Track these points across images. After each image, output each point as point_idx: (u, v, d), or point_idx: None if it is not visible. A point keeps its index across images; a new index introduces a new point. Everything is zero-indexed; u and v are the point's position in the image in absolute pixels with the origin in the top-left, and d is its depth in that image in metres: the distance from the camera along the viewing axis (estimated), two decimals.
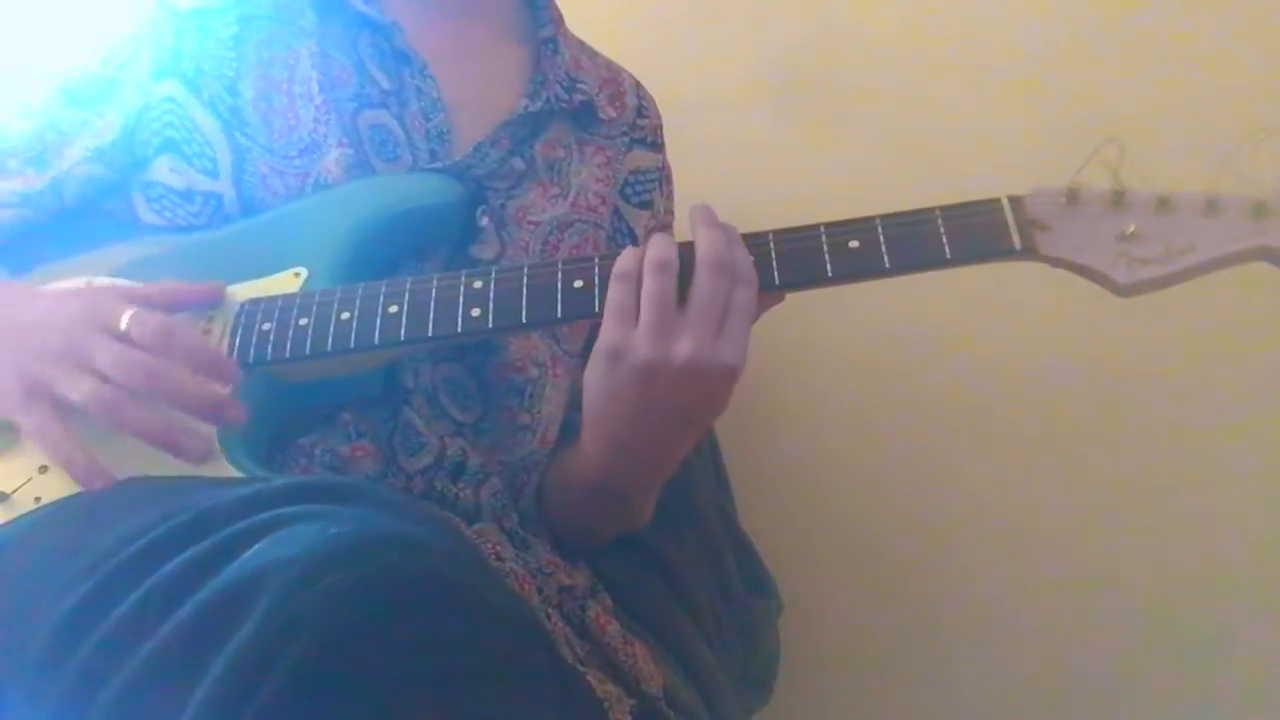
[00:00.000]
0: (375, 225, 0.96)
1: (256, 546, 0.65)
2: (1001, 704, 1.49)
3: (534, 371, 1.02)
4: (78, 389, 0.85)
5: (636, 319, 0.86)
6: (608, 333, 0.87)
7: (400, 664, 0.61)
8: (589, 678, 0.85)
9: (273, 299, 0.94)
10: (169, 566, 0.68)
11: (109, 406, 0.85)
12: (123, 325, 0.86)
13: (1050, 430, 1.47)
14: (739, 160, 1.53)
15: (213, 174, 0.99)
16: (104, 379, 0.85)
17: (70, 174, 1.00)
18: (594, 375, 0.90)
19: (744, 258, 0.88)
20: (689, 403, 0.89)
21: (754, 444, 1.47)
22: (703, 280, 0.86)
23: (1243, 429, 1.40)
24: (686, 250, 0.88)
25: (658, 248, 0.88)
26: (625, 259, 0.88)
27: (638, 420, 0.90)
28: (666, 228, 1.17)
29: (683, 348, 0.85)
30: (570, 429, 1.06)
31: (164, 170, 1.00)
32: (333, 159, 0.97)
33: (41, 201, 1.01)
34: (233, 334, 0.93)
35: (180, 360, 0.86)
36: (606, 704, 0.84)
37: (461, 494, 0.97)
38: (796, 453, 1.53)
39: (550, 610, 0.90)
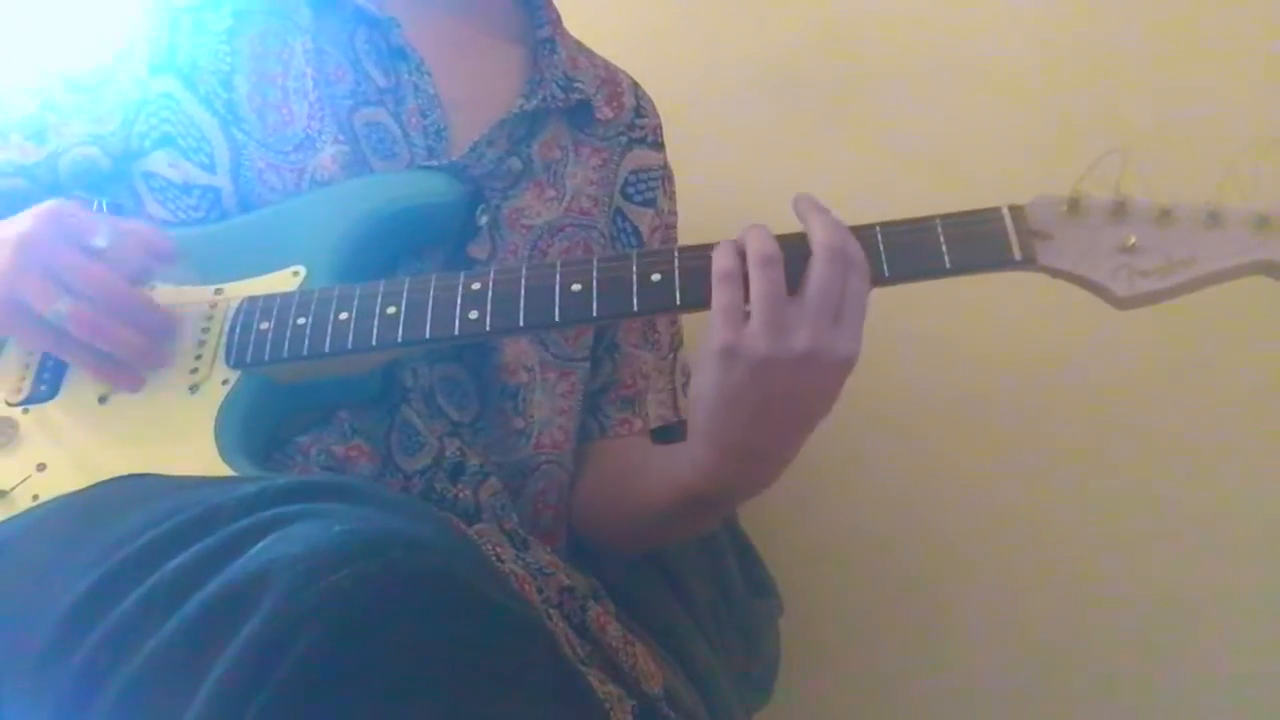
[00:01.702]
0: (374, 223, 0.96)
1: (261, 544, 0.65)
2: (1001, 704, 1.49)
3: (524, 376, 1.02)
4: (52, 308, 0.87)
5: (746, 317, 0.85)
6: (720, 333, 0.85)
7: (404, 662, 0.61)
8: (590, 679, 0.85)
9: (271, 298, 0.94)
10: (173, 563, 0.68)
11: (88, 326, 0.88)
12: (99, 242, 0.89)
13: (1049, 432, 1.47)
14: (739, 159, 1.52)
15: (210, 169, 0.99)
16: (78, 297, 0.87)
17: (67, 151, 1.01)
18: (708, 379, 0.88)
19: (857, 246, 0.86)
20: (806, 397, 0.87)
21: None
22: (820, 269, 0.85)
23: (1240, 432, 1.41)
24: (791, 240, 0.87)
25: (760, 242, 0.86)
26: (724, 258, 0.86)
27: (756, 420, 0.88)
28: (670, 227, 1.16)
29: (800, 339, 0.84)
30: (581, 435, 1.07)
31: (162, 164, 1.00)
32: (328, 155, 0.97)
33: (36, 173, 1.02)
34: (230, 332, 0.93)
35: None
36: (608, 704, 0.83)
37: (461, 495, 0.97)
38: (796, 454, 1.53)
39: (551, 611, 0.90)
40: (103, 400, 0.92)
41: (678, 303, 0.88)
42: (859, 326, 0.86)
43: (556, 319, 0.89)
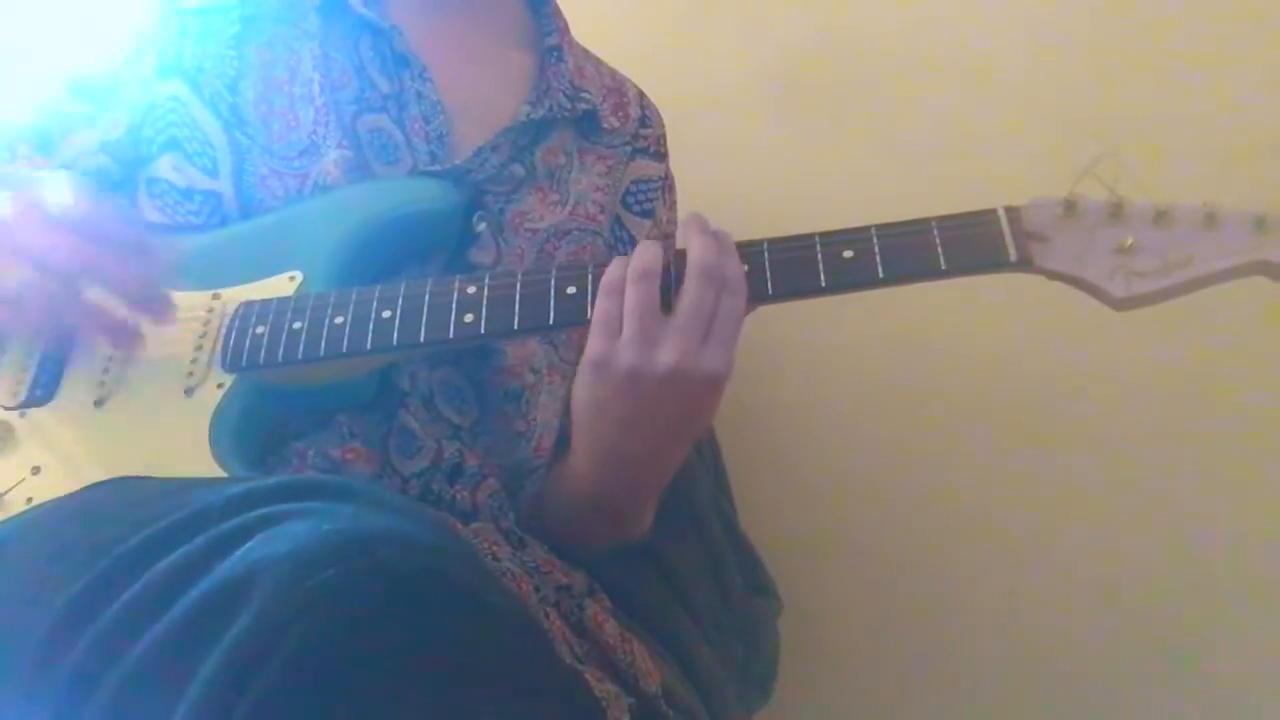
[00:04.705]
0: (371, 230, 0.96)
1: (249, 544, 0.65)
2: (1000, 703, 1.49)
3: (530, 378, 1.02)
4: (13, 280, 0.85)
5: (622, 330, 0.86)
6: (593, 344, 0.87)
7: (394, 661, 0.61)
8: (587, 676, 0.85)
9: (267, 302, 0.94)
10: (161, 564, 0.68)
11: (48, 297, 0.85)
12: (54, 210, 0.86)
13: (1049, 434, 1.47)
14: (738, 160, 1.53)
15: (213, 173, 0.99)
16: (40, 267, 0.84)
17: (78, 165, 1.01)
18: (580, 386, 0.90)
19: (734, 266, 0.87)
20: (675, 412, 0.88)
21: (754, 445, 1.47)
22: (690, 287, 0.86)
23: (1239, 434, 1.41)
24: (680, 258, 0.88)
25: (641, 256, 0.87)
26: (613, 270, 0.88)
27: (625, 431, 0.89)
28: (669, 237, 1.16)
29: (666, 356, 0.85)
30: (565, 439, 1.06)
31: (167, 168, 1.00)
32: (332, 160, 0.97)
33: None
34: (226, 336, 0.93)
35: (115, 245, 0.87)
36: (604, 703, 0.83)
37: (458, 495, 0.97)
38: (796, 454, 1.53)
39: (548, 609, 0.90)
40: (99, 404, 0.92)
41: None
42: (730, 346, 0.86)
43: (551, 322, 0.89)
